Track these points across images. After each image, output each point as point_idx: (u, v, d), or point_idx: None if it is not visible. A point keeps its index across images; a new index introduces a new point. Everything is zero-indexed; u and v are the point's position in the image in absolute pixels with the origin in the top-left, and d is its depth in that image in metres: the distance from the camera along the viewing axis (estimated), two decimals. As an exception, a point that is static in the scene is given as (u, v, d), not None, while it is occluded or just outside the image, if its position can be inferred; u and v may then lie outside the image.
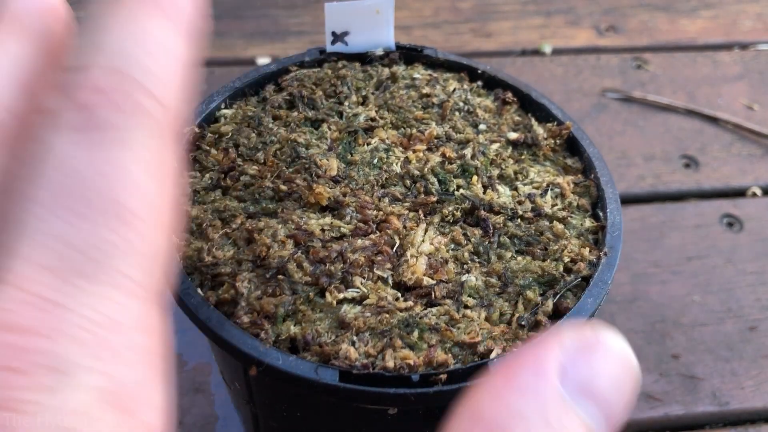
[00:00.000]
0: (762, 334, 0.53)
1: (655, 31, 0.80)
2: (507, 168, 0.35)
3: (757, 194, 0.63)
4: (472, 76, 0.41)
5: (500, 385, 0.16)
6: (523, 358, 0.17)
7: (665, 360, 0.51)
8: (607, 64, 0.75)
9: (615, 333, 0.17)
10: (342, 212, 0.32)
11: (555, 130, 0.38)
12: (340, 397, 0.26)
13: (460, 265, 0.31)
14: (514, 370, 0.16)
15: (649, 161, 0.65)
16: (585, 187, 0.35)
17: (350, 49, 0.41)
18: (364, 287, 0.29)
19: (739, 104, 0.72)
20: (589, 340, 0.17)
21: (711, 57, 0.77)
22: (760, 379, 0.50)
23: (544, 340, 0.17)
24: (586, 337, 0.17)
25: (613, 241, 0.32)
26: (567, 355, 0.16)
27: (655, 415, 0.48)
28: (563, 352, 0.16)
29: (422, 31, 0.78)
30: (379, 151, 0.35)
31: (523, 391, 0.16)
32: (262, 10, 0.79)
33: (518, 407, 0.16)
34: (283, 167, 0.34)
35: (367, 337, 0.28)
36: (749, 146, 0.68)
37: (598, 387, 0.16)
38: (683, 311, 0.54)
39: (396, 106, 0.38)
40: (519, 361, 0.16)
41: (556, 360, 0.16)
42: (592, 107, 0.70)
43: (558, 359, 0.16)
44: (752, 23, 0.82)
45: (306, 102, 0.38)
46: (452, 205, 0.33)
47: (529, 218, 0.33)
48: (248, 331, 0.28)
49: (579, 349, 0.17)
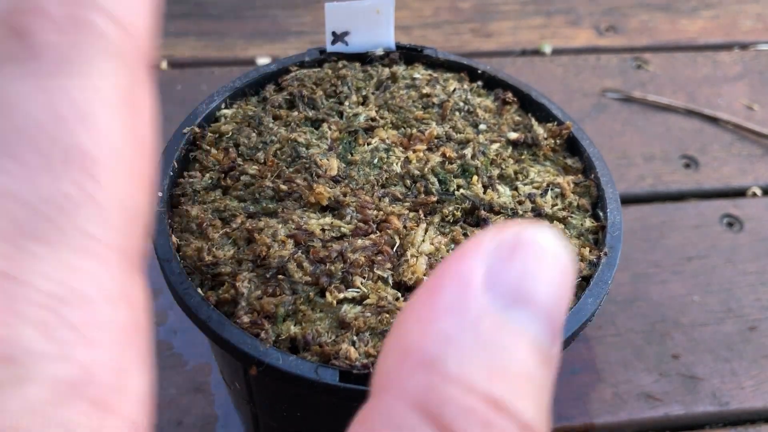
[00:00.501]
0: (762, 334, 0.53)
1: (655, 31, 0.80)
2: (507, 168, 0.35)
3: (757, 194, 0.63)
4: (472, 76, 0.41)
5: (423, 308, 0.14)
6: (443, 273, 0.14)
7: (665, 360, 0.51)
8: (607, 64, 0.75)
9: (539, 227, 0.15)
10: (342, 212, 0.32)
11: (555, 130, 0.38)
12: (340, 397, 0.26)
13: (461, 265, 0.31)
14: (436, 288, 0.14)
15: (649, 161, 0.65)
16: (585, 187, 0.35)
17: (350, 49, 0.41)
18: (365, 287, 0.29)
19: (739, 104, 0.72)
20: (512, 239, 0.14)
21: (711, 57, 0.77)
22: (760, 379, 0.50)
23: (464, 249, 0.14)
24: (508, 237, 0.14)
25: (613, 241, 0.32)
26: (490, 261, 0.14)
27: (655, 415, 0.48)
28: (485, 258, 0.14)
29: (422, 31, 0.78)
30: (379, 151, 0.35)
31: (448, 310, 0.14)
32: (262, 10, 0.79)
33: (446, 330, 0.13)
34: (284, 167, 0.34)
35: (367, 337, 0.28)
36: (749, 146, 0.68)
37: (532, 289, 0.14)
38: (683, 311, 0.54)
39: (396, 106, 0.38)
40: (440, 278, 0.14)
41: (479, 269, 0.14)
42: (592, 107, 0.70)
43: (481, 267, 0.14)
44: (752, 23, 0.82)
45: (306, 102, 0.38)
46: (452, 205, 0.33)
47: (529, 218, 0.33)
48: (248, 331, 0.28)
49: (503, 252, 0.14)
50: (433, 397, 0.13)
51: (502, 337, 0.13)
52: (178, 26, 0.75)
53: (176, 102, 0.66)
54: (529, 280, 0.14)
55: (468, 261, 0.14)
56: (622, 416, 0.47)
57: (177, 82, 0.69)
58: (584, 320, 0.29)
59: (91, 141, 0.14)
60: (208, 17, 0.77)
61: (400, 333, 0.14)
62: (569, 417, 0.47)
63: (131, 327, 0.14)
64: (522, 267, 0.14)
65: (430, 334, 0.13)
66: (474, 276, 0.14)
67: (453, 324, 0.13)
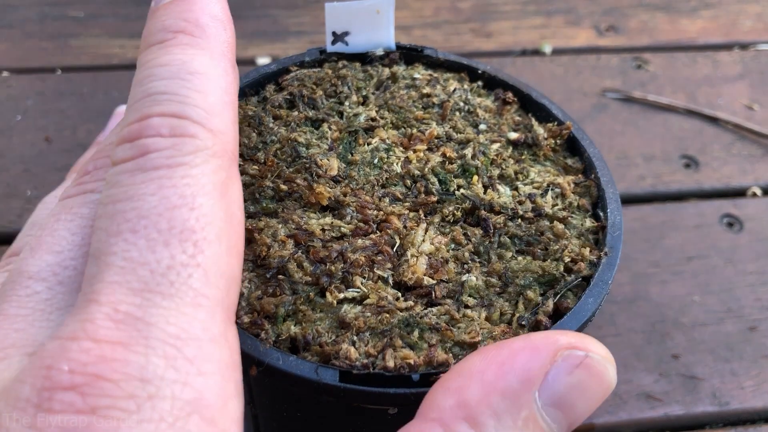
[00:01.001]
0: (762, 334, 0.53)
1: (655, 31, 0.80)
2: (507, 168, 0.35)
3: (757, 194, 0.63)
4: (473, 76, 0.41)
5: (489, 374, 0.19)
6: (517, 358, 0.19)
7: (665, 360, 0.51)
8: (607, 64, 0.75)
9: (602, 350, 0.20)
10: (342, 212, 0.32)
11: (555, 130, 0.38)
12: (341, 397, 0.26)
13: (461, 265, 0.31)
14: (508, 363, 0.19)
15: (649, 161, 0.65)
16: (585, 187, 0.35)
17: (350, 49, 0.41)
18: (365, 287, 0.29)
19: (739, 104, 0.72)
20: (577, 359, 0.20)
21: (711, 57, 0.77)
22: (760, 379, 0.50)
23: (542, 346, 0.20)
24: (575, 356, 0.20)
25: (614, 241, 0.32)
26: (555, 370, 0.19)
27: (655, 415, 0.48)
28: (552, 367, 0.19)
29: (422, 31, 0.78)
30: (379, 150, 0.35)
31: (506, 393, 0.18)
32: (262, 10, 0.79)
33: (497, 406, 0.18)
34: (284, 167, 0.34)
35: (367, 337, 0.28)
36: (749, 146, 0.68)
37: (571, 400, 0.19)
38: (683, 311, 0.54)
39: (396, 106, 0.38)
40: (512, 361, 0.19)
41: (542, 373, 0.19)
42: (592, 107, 0.70)
43: (545, 372, 0.19)
44: (752, 23, 0.82)
45: (306, 102, 0.38)
46: (453, 205, 0.33)
47: (530, 218, 0.33)
48: (248, 331, 0.28)
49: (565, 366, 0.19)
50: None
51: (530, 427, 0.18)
52: (178, 26, 0.75)
53: (176, 102, 0.66)
54: (575, 394, 0.19)
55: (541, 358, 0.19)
56: (622, 416, 0.47)
57: (177, 82, 0.68)
58: (584, 320, 0.29)
59: (196, 222, 0.19)
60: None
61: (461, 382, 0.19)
62: (569, 417, 0.47)
63: (230, 363, 0.19)
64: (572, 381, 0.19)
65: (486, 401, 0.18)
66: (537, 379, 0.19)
67: (506, 405, 0.18)
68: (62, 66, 0.71)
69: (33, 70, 0.70)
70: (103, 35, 0.75)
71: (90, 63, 0.72)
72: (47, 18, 0.76)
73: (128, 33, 0.75)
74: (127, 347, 0.16)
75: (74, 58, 0.72)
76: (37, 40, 0.74)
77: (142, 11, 0.77)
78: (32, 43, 0.73)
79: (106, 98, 0.68)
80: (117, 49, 0.73)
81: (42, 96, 0.68)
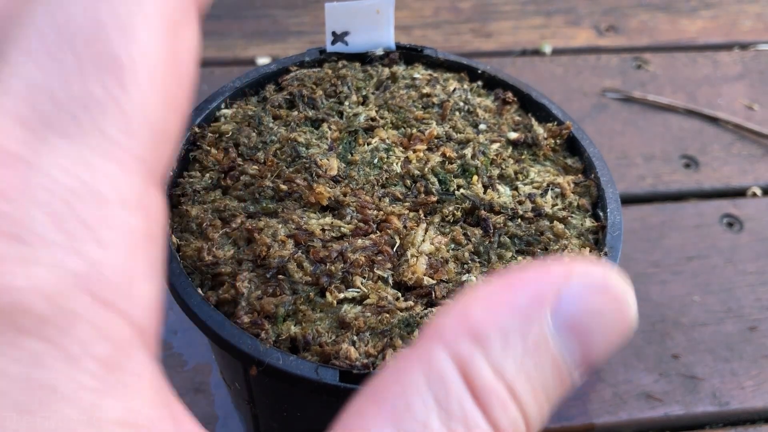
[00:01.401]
0: (762, 334, 0.53)
1: (655, 31, 0.80)
2: (507, 168, 0.35)
3: (757, 194, 0.63)
4: (472, 76, 0.41)
5: (496, 297, 0.16)
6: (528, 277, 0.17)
7: (665, 360, 0.51)
8: (607, 64, 0.75)
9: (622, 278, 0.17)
10: (342, 212, 0.32)
11: (555, 130, 0.38)
12: (341, 397, 0.26)
13: (461, 265, 0.31)
14: (518, 285, 0.16)
15: (649, 161, 0.65)
16: (585, 187, 0.35)
17: (350, 49, 0.41)
18: (365, 287, 0.29)
19: (739, 104, 0.72)
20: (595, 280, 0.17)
21: (711, 57, 0.77)
22: (760, 379, 0.50)
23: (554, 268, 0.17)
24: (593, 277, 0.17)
25: (614, 241, 0.32)
26: (570, 291, 0.16)
27: (655, 415, 0.48)
28: (566, 285, 0.16)
29: (422, 31, 0.78)
30: (379, 150, 0.35)
31: (515, 310, 0.16)
32: (262, 10, 0.79)
33: (505, 324, 0.16)
34: (284, 167, 0.34)
35: (367, 337, 0.28)
36: (749, 146, 0.68)
37: (587, 325, 0.16)
38: (683, 311, 0.54)
39: (396, 106, 0.38)
40: (525, 279, 0.16)
41: (556, 291, 0.16)
42: (592, 107, 0.70)
43: (558, 291, 0.16)
44: (752, 23, 0.82)
45: (306, 101, 0.38)
46: (452, 205, 0.33)
47: (530, 218, 0.33)
48: (248, 331, 0.28)
49: (581, 286, 0.16)
50: (471, 362, 0.15)
51: (540, 351, 0.16)
52: (178, 26, 0.75)
53: (176, 102, 0.66)
54: (591, 319, 0.16)
55: (554, 278, 0.16)
56: (622, 416, 0.47)
57: (177, 82, 0.68)
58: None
59: (125, 50, 0.14)
60: (208, 17, 0.77)
61: (468, 303, 0.16)
62: (569, 417, 0.47)
63: (144, 235, 0.15)
64: (589, 303, 0.16)
65: (492, 318, 0.16)
66: (549, 295, 0.16)
67: (513, 323, 0.16)
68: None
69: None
70: (103, 35, 0.75)
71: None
72: (47, 18, 0.76)
73: (128, 33, 0.75)
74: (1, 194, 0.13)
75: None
76: (37, 40, 0.74)
77: (142, 11, 0.77)
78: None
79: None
80: (117, 49, 0.73)
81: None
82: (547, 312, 0.16)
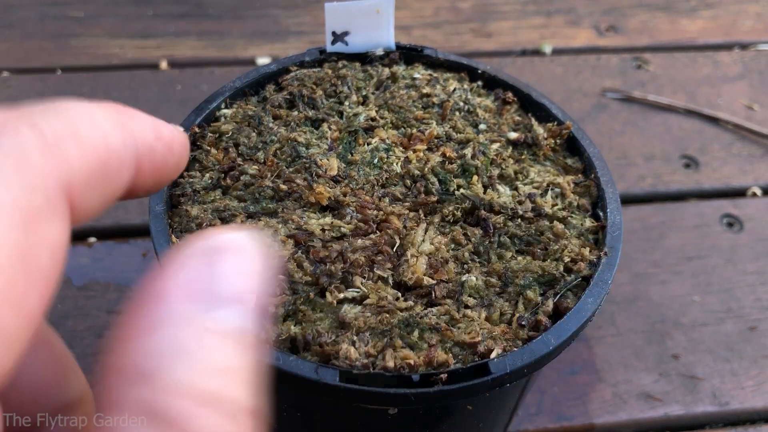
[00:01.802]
0: (762, 334, 0.53)
1: (655, 31, 0.80)
2: (507, 168, 0.35)
3: (757, 194, 0.63)
4: (472, 76, 0.41)
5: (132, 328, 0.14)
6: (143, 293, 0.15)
7: (665, 360, 0.51)
8: (607, 64, 0.75)
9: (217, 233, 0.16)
10: (342, 212, 0.32)
11: (555, 130, 0.38)
12: (341, 397, 0.26)
13: (461, 265, 0.31)
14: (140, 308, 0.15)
15: (649, 161, 0.65)
16: (585, 187, 0.35)
17: (350, 49, 0.41)
18: (365, 287, 0.29)
19: (739, 104, 0.72)
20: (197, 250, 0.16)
21: (711, 57, 0.77)
22: (760, 379, 0.50)
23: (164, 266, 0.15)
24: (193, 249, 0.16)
25: (614, 241, 0.32)
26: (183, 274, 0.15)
27: (655, 415, 0.48)
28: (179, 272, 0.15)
29: (422, 31, 0.78)
30: (379, 150, 0.35)
31: (154, 326, 0.14)
32: (262, 10, 0.79)
33: (156, 344, 0.14)
34: (284, 167, 0.34)
35: (367, 337, 0.28)
36: (749, 146, 0.68)
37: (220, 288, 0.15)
38: (683, 311, 0.54)
39: (396, 106, 0.38)
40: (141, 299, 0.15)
41: (174, 282, 0.15)
42: (592, 107, 0.70)
43: (176, 280, 0.15)
44: (752, 23, 0.82)
45: (306, 101, 0.38)
46: (452, 205, 0.33)
47: (530, 218, 0.33)
48: (248, 331, 0.28)
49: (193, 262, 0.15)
50: (157, 405, 0.14)
51: (202, 340, 0.14)
52: (178, 26, 0.75)
53: (176, 102, 0.66)
54: (216, 281, 0.15)
55: (165, 277, 0.15)
56: (622, 416, 0.47)
57: (177, 82, 0.68)
58: (584, 320, 0.29)
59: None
60: (208, 17, 0.77)
61: (114, 356, 0.15)
62: (569, 417, 0.47)
63: None
64: (209, 271, 0.15)
65: (142, 351, 0.14)
66: (171, 290, 0.15)
67: (161, 338, 0.14)
68: (62, 66, 0.71)
69: (33, 71, 0.70)
70: (103, 35, 0.75)
71: (90, 63, 0.72)
72: (47, 18, 0.76)
73: (128, 33, 0.75)
74: None
75: (74, 58, 0.72)
76: (37, 41, 0.74)
77: (142, 11, 0.77)
78: (32, 43, 0.73)
79: (106, 98, 0.68)
80: (117, 49, 0.73)
81: (42, 96, 0.68)
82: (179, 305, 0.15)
